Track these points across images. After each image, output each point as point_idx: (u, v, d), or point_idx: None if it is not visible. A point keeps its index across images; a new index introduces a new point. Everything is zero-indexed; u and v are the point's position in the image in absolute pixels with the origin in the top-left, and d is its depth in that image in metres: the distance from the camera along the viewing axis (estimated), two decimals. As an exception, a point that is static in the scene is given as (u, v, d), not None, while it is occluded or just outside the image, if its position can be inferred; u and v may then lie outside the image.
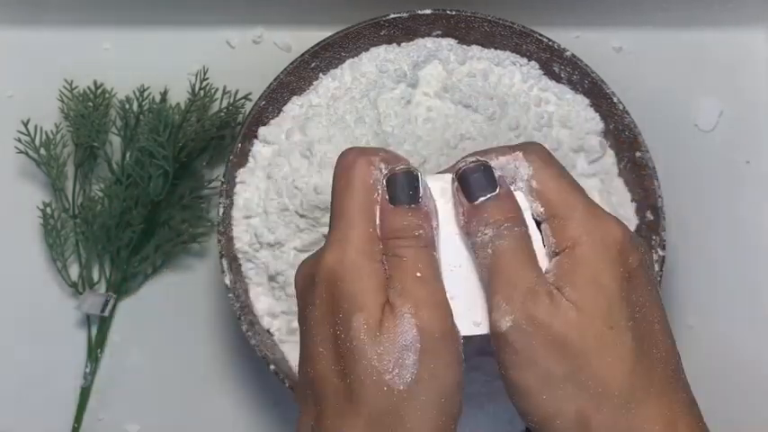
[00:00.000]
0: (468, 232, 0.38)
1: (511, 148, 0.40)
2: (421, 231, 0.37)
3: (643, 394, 0.35)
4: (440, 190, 0.40)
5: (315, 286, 0.38)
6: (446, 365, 0.36)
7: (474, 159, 0.39)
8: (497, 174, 0.39)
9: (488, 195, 0.38)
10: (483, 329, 0.38)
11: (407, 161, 0.40)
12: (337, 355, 0.36)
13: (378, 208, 0.38)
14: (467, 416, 0.38)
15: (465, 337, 0.38)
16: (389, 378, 0.35)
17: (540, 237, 0.39)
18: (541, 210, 0.39)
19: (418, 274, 0.37)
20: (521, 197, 0.39)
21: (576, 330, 0.35)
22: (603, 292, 0.36)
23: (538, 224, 0.39)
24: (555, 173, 0.39)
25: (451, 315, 0.37)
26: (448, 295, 0.38)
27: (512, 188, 0.39)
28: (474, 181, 0.38)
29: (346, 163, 0.39)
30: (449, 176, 0.40)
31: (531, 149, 0.40)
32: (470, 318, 0.38)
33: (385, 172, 0.39)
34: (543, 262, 0.38)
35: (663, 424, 0.35)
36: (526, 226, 0.38)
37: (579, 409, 0.35)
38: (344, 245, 0.37)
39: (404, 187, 0.38)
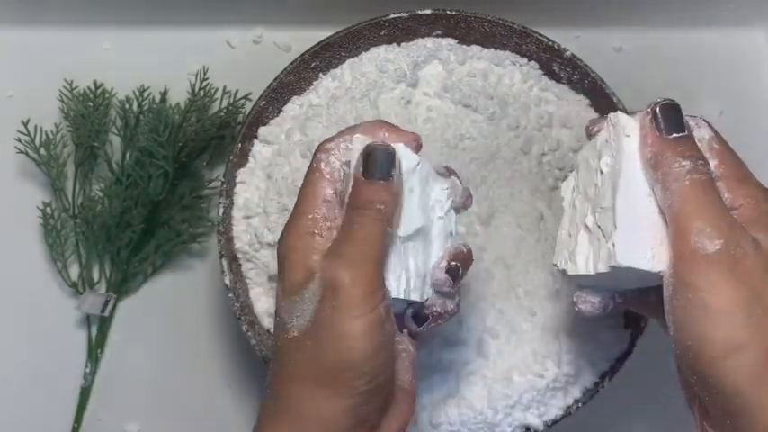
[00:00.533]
0: (655, 165, 0.40)
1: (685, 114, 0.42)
2: (383, 206, 0.39)
3: None
4: (625, 127, 0.41)
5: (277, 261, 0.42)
6: (340, 317, 0.38)
7: (667, 99, 0.41)
8: (686, 119, 0.41)
9: (682, 134, 0.40)
10: (656, 263, 0.39)
11: (411, 136, 0.42)
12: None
13: (327, 189, 0.41)
14: None
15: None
16: (289, 326, 0.39)
17: None
18: (719, 168, 0.40)
19: (360, 243, 0.39)
20: None
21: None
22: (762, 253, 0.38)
23: None
24: (725, 142, 0.42)
25: (374, 288, 0.39)
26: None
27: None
28: (671, 117, 0.40)
29: (318, 146, 0.42)
30: (632, 116, 0.41)
31: (708, 123, 0.42)
32: (642, 252, 0.39)
33: (352, 148, 0.41)
34: None
35: None
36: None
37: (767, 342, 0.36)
38: (290, 223, 0.41)
39: (377, 163, 0.40)
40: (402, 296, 0.40)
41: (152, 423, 0.60)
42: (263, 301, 0.55)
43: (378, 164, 0.40)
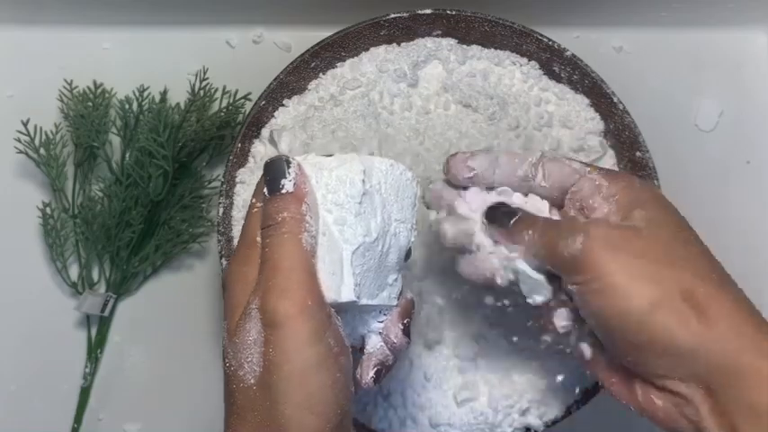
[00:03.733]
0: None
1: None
2: (284, 214, 0.38)
3: (727, 279, 0.41)
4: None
5: None
6: (289, 352, 0.36)
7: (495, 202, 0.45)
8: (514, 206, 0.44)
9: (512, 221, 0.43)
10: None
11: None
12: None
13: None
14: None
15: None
16: (242, 374, 0.37)
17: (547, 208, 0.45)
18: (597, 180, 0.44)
19: (275, 263, 0.37)
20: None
21: (661, 229, 0.41)
22: (666, 205, 0.43)
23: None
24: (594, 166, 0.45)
25: (306, 297, 0.37)
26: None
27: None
28: (497, 218, 0.44)
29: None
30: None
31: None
32: None
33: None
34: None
35: (752, 308, 0.40)
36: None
37: (683, 287, 0.39)
38: (233, 256, 0.40)
39: (271, 174, 0.39)
40: (354, 298, 0.38)
41: (152, 423, 0.60)
42: (263, 301, 0.55)
43: (271, 174, 0.39)
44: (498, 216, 0.43)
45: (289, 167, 0.39)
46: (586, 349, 0.43)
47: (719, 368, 0.37)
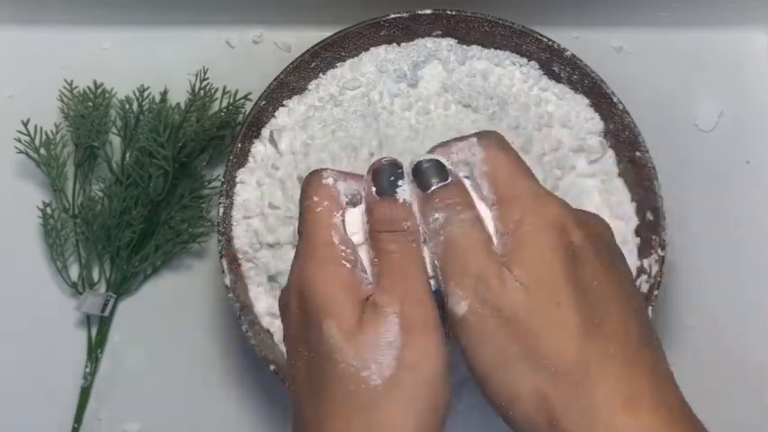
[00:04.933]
0: (423, 223, 0.39)
1: (467, 136, 0.41)
2: (408, 224, 0.39)
3: (598, 371, 0.35)
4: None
5: (287, 306, 0.40)
6: (426, 357, 0.37)
7: (427, 154, 0.41)
8: (449, 166, 0.40)
9: (440, 184, 0.39)
10: None
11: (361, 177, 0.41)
12: (310, 367, 0.38)
13: (357, 207, 0.40)
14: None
15: None
16: (367, 375, 0.36)
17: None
18: (489, 193, 0.39)
19: (405, 270, 0.38)
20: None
21: (525, 309, 0.36)
22: (548, 270, 0.36)
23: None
24: (506, 159, 0.40)
25: (435, 308, 0.38)
26: None
27: (466, 179, 0.40)
28: (425, 170, 0.39)
29: (303, 186, 0.41)
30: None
31: (486, 135, 0.41)
32: None
33: (341, 182, 0.40)
34: (497, 246, 0.38)
35: (623, 400, 0.35)
36: (476, 210, 0.39)
37: (537, 388, 0.35)
38: (303, 258, 0.39)
39: (389, 177, 0.39)
40: None
41: (152, 423, 0.60)
42: (263, 301, 0.55)
43: (387, 176, 0.39)
44: (424, 171, 0.39)
45: (403, 172, 0.40)
46: None
47: None
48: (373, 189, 0.39)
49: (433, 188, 0.39)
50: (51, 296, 0.61)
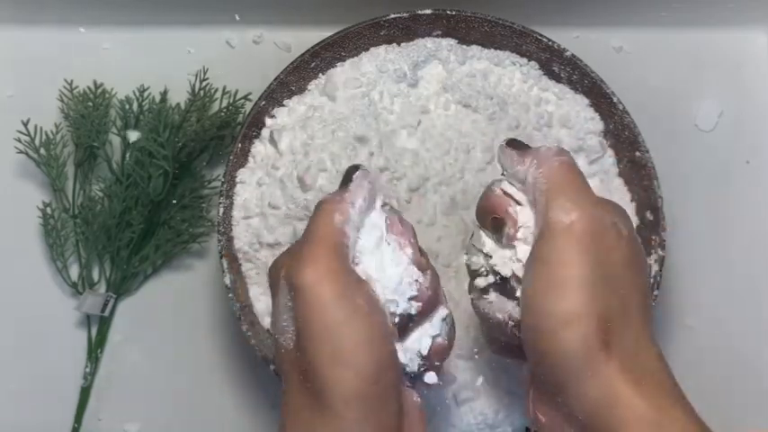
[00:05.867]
0: (526, 156, 0.43)
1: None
2: (336, 199, 0.42)
3: (649, 320, 0.39)
4: None
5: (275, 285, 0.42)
6: (322, 308, 0.38)
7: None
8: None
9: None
10: None
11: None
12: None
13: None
14: None
15: None
16: (283, 341, 0.39)
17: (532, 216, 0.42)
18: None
19: (308, 233, 0.41)
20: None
21: (620, 247, 0.39)
22: (621, 235, 0.40)
23: None
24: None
25: (333, 257, 0.39)
26: None
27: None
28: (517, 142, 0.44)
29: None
30: None
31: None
32: None
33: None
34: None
35: (656, 354, 0.39)
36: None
37: (605, 310, 0.37)
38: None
39: (347, 175, 0.43)
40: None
41: (152, 423, 0.60)
42: (262, 301, 0.55)
43: (347, 176, 0.43)
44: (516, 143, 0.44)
45: (356, 172, 0.43)
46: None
47: (596, 413, 0.37)
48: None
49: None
50: (51, 296, 0.61)
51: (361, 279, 0.40)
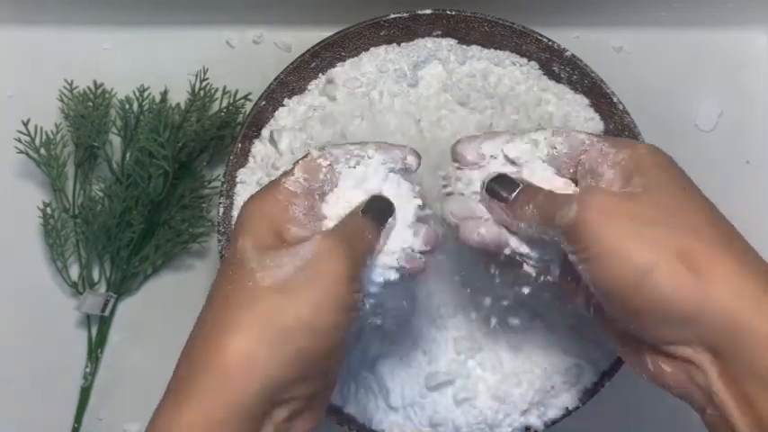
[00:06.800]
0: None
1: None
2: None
3: (731, 237, 0.40)
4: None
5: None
6: (328, 268, 0.39)
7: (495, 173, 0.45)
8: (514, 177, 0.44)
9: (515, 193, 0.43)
10: None
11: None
12: (221, 275, 0.44)
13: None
14: None
15: None
16: (260, 276, 0.40)
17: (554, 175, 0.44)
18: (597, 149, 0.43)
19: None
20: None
21: (660, 191, 0.40)
22: (667, 169, 0.42)
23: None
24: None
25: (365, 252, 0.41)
26: None
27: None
28: (497, 191, 0.44)
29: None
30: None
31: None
32: None
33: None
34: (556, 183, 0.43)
35: (757, 266, 0.39)
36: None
37: (680, 248, 0.38)
38: (265, 193, 0.43)
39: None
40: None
41: (152, 423, 0.60)
42: (263, 301, 0.55)
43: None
44: (498, 189, 0.43)
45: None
46: (554, 269, 0.44)
47: (722, 330, 0.36)
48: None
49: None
50: (51, 296, 0.61)
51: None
